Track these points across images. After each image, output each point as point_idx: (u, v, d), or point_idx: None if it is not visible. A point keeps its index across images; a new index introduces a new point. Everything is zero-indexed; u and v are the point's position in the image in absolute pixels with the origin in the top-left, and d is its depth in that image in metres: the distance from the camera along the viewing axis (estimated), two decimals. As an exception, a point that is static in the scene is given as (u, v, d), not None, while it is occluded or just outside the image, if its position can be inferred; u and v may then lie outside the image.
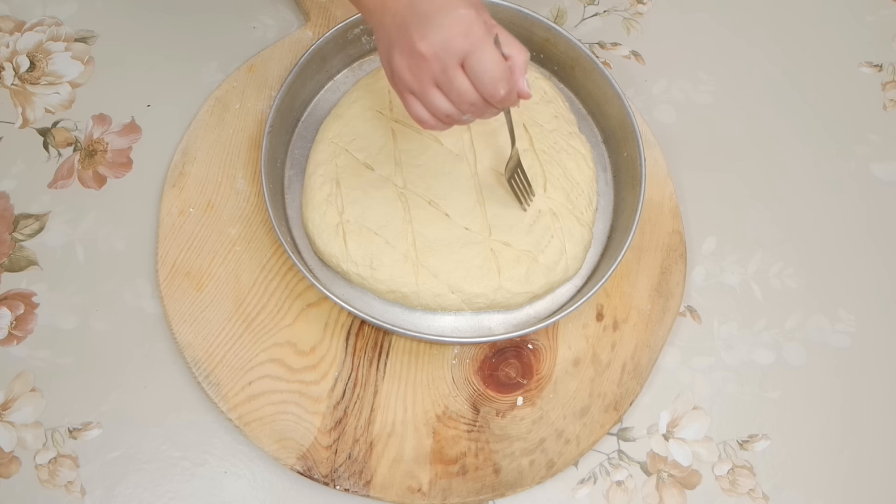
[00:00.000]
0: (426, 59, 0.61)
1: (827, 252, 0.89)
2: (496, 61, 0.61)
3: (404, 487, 0.75)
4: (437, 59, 0.61)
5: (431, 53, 0.61)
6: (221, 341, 0.79)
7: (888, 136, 0.94)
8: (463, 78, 0.62)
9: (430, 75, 0.62)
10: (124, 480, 0.76)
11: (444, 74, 0.62)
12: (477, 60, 0.61)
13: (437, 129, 0.67)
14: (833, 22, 1.00)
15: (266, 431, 0.76)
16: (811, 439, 0.81)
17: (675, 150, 0.91)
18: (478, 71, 0.61)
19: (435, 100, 0.64)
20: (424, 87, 0.63)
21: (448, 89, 0.63)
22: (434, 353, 0.80)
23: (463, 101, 0.63)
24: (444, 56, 0.61)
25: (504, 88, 0.62)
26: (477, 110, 0.65)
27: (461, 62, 0.61)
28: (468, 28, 0.60)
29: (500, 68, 0.62)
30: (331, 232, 0.80)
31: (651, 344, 0.81)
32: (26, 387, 0.78)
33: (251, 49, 0.92)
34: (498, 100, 0.63)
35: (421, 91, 0.64)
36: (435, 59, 0.61)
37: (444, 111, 0.65)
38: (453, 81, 0.62)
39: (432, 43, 0.61)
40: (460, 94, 0.63)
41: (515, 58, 0.64)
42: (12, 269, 0.82)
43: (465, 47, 0.61)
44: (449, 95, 0.63)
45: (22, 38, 0.92)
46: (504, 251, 0.80)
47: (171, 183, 0.84)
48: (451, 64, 0.61)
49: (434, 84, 0.63)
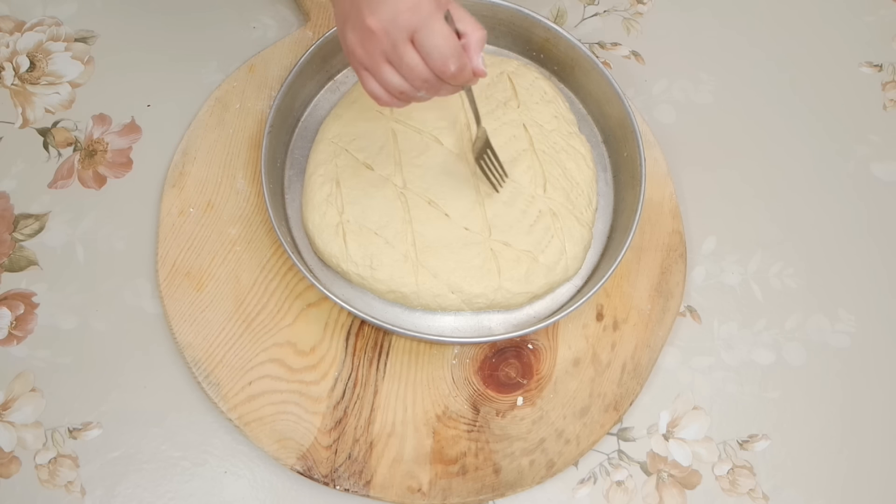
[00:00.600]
0: (375, 34, 0.62)
1: (827, 252, 0.89)
2: (445, 36, 0.61)
3: (404, 487, 0.75)
4: (385, 34, 0.61)
5: (380, 28, 0.61)
6: (221, 341, 0.79)
7: (888, 136, 0.94)
8: (413, 53, 0.62)
9: (381, 51, 0.63)
10: (124, 480, 0.76)
11: (393, 50, 0.62)
12: (425, 35, 0.61)
13: (393, 105, 0.67)
14: (833, 22, 1.01)
15: (266, 431, 0.76)
16: (811, 439, 0.81)
17: (675, 149, 0.91)
18: (427, 46, 0.61)
19: (387, 76, 0.64)
20: (376, 63, 0.64)
21: (399, 65, 0.63)
22: (434, 353, 0.80)
23: (415, 77, 0.63)
24: (393, 31, 0.61)
25: (454, 64, 0.62)
26: (431, 87, 0.65)
27: (410, 37, 0.61)
28: (416, 3, 0.60)
29: (450, 44, 0.62)
30: (331, 232, 0.80)
31: (651, 344, 0.81)
32: (26, 387, 0.78)
33: (251, 49, 0.92)
34: (449, 76, 0.63)
35: (373, 66, 0.64)
36: (384, 34, 0.61)
37: (398, 87, 0.64)
38: (403, 57, 0.62)
39: (380, 18, 0.61)
40: (411, 69, 0.63)
41: (470, 35, 0.64)
42: (12, 269, 0.82)
43: (413, 22, 0.61)
44: (400, 71, 0.63)
45: (22, 38, 0.92)
46: (504, 251, 0.80)
47: (171, 183, 0.84)
48: (399, 39, 0.61)
49: (385, 60, 0.63)
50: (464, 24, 0.64)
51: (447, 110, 0.85)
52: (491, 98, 0.86)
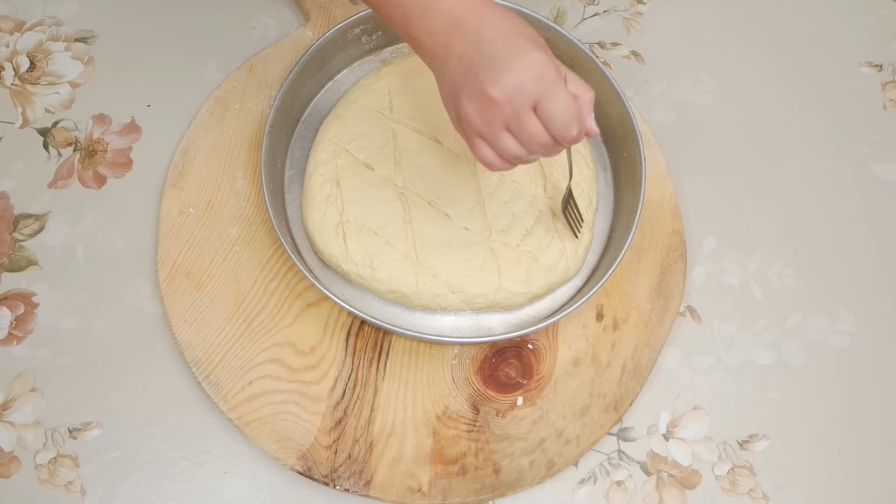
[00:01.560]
0: (498, 103, 0.61)
1: (827, 252, 0.89)
2: (569, 103, 0.61)
3: (404, 487, 0.75)
4: (509, 103, 0.61)
5: (504, 98, 0.60)
6: (221, 341, 0.78)
7: (888, 136, 0.94)
8: (535, 121, 0.62)
9: (502, 119, 0.62)
10: (124, 480, 0.76)
11: (516, 119, 0.61)
12: (551, 103, 0.61)
13: (502, 170, 0.66)
14: (833, 22, 1.00)
15: (266, 431, 0.76)
16: (811, 439, 0.81)
17: (675, 150, 0.91)
18: (551, 114, 0.61)
19: (505, 143, 0.63)
20: (495, 132, 0.63)
21: (519, 132, 0.62)
22: (434, 353, 0.80)
23: (534, 143, 0.63)
24: (517, 100, 0.60)
25: (576, 129, 0.62)
26: (546, 151, 0.64)
27: (533, 106, 0.61)
28: (541, 72, 0.60)
29: (573, 109, 0.61)
30: (331, 232, 0.80)
31: (651, 344, 0.81)
32: (26, 387, 0.78)
33: (251, 49, 0.92)
34: (569, 140, 0.63)
35: (491, 135, 0.63)
36: (507, 104, 0.61)
37: (514, 153, 0.64)
38: (525, 125, 0.61)
39: (505, 88, 0.60)
40: (532, 136, 0.62)
41: (583, 97, 0.64)
42: (12, 269, 0.82)
43: (538, 91, 0.60)
44: (520, 138, 0.63)
45: (22, 38, 0.92)
46: (504, 251, 0.80)
47: (171, 183, 0.84)
48: (523, 108, 0.61)
49: (505, 128, 0.63)
50: (576, 86, 0.64)
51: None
52: (491, 98, 0.86)
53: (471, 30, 0.61)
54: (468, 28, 0.61)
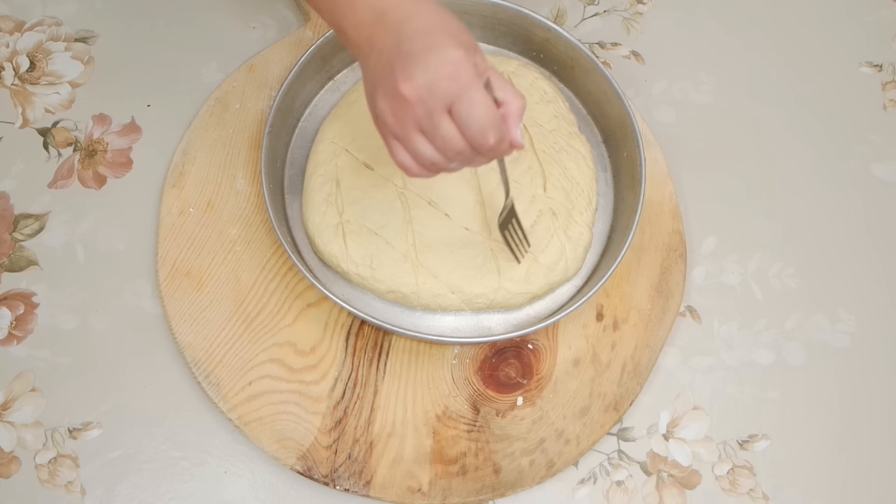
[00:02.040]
0: (410, 102, 0.57)
1: (827, 252, 0.89)
2: (486, 107, 0.57)
3: (404, 487, 0.75)
4: (421, 102, 0.56)
5: (416, 97, 0.56)
6: (221, 341, 0.79)
7: (888, 136, 0.94)
8: (449, 124, 0.57)
9: (414, 120, 0.58)
10: (124, 480, 0.76)
11: (428, 120, 0.57)
12: (465, 106, 0.56)
13: (421, 176, 0.62)
14: (833, 22, 1.01)
15: (266, 431, 0.76)
16: (811, 439, 0.81)
17: (675, 150, 0.91)
18: (465, 117, 0.57)
19: (419, 146, 0.59)
20: (408, 133, 0.59)
21: (433, 136, 0.58)
22: (434, 353, 0.80)
23: (449, 149, 0.58)
24: (429, 100, 0.56)
25: (494, 136, 0.58)
26: (465, 158, 0.60)
27: (448, 107, 0.57)
28: (456, 70, 0.56)
29: (490, 115, 0.57)
30: (331, 232, 0.80)
31: (651, 344, 0.81)
32: (26, 387, 0.78)
33: (251, 49, 0.92)
34: (487, 148, 0.58)
35: (404, 136, 0.59)
36: (419, 103, 0.57)
37: (429, 158, 0.60)
38: (438, 128, 0.57)
39: (416, 85, 0.56)
40: (446, 141, 0.58)
41: (509, 104, 0.59)
42: (12, 269, 0.82)
43: (451, 91, 0.56)
44: (434, 142, 0.58)
45: (22, 38, 0.92)
46: (504, 251, 0.80)
47: (171, 183, 0.84)
48: (436, 109, 0.57)
49: (418, 129, 0.58)
50: (503, 92, 0.59)
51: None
52: (491, 98, 0.86)
53: (394, 23, 0.58)
54: (392, 21, 0.58)
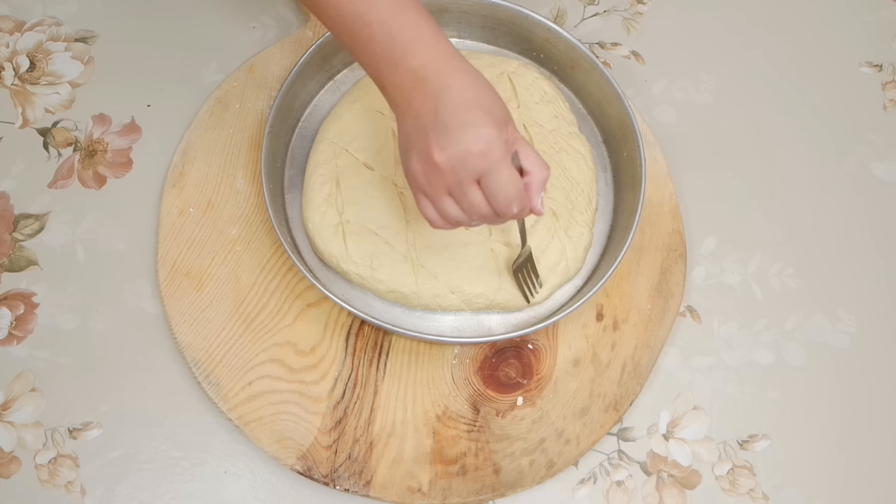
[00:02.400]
0: (442, 170, 0.61)
1: (827, 252, 0.89)
2: (511, 182, 0.62)
3: (404, 487, 0.75)
4: (453, 172, 0.61)
5: (448, 167, 0.61)
6: (221, 341, 0.78)
7: (888, 136, 0.94)
8: (477, 192, 0.62)
9: (445, 185, 0.63)
10: (124, 480, 0.76)
11: (458, 188, 0.62)
12: (493, 180, 0.61)
13: (445, 228, 0.67)
14: (833, 22, 1.01)
15: (266, 431, 0.76)
16: (811, 439, 0.81)
17: (675, 150, 0.91)
18: (493, 189, 0.62)
19: (447, 207, 0.64)
20: (437, 194, 0.64)
21: (461, 200, 0.63)
22: (434, 353, 0.80)
23: (475, 213, 0.64)
24: (461, 171, 0.61)
25: (517, 207, 0.63)
26: (488, 221, 0.65)
27: (477, 179, 0.62)
28: (487, 148, 0.60)
29: (515, 189, 0.62)
30: (331, 232, 0.80)
31: (651, 344, 0.81)
32: (26, 387, 0.78)
33: (251, 49, 0.92)
34: (510, 216, 0.64)
35: (434, 197, 0.64)
36: (451, 172, 0.61)
37: (455, 218, 0.65)
38: (467, 195, 0.62)
39: (449, 157, 0.61)
40: (472, 206, 0.63)
41: (533, 175, 0.65)
42: (12, 269, 0.82)
43: (482, 167, 0.61)
44: (461, 205, 0.64)
45: (22, 38, 0.92)
46: (504, 251, 0.80)
47: (171, 183, 0.84)
48: (466, 180, 0.61)
49: (447, 193, 0.63)
50: (529, 162, 0.64)
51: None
52: (491, 98, 0.86)
53: (432, 91, 0.61)
54: (430, 89, 0.61)
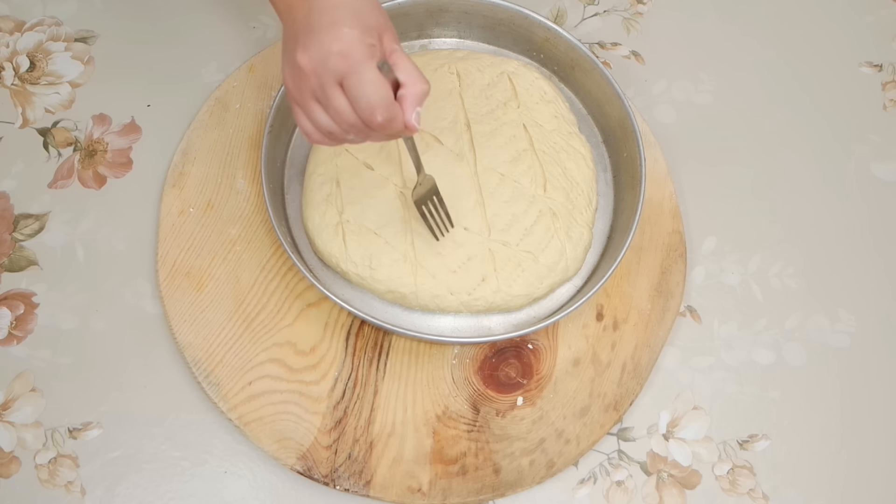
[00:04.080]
0: (305, 72, 0.61)
1: (827, 252, 0.89)
2: (374, 86, 0.59)
3: (404, 487, 0.75)
4: (314, 74, 0.60)
5: (309, 68, 0.60)
6: (221, 341, 0.79)
7: (888, 136, 0.94)
8: (341, 97, 0.61)
9: (310, 89, 0.61)
10: (124, 480, 0.76)
11: (321, 91, 0.61)
12: (354, 83, 0.60)
13: (324, 143, 0.66)
14: (833, 22, 1.01)
15: (266, 431, 0.76)
16: (811, 439, 0.81)
17: (675, 149, 0.91)
18: (354, 93, 0.60)
19: (316, 114, 0.63)
20: (305, 100, 0.63)
21: (327, 106, 0.62)
22: (434, 353, 0.80)
23: (342, 121, 0.62)
24: (322, 72, 0.60)
25: (382, 115, 0.60)
26: (359, 132, 0.63)
27: (339, 81, 0.60)
28: (347, 48, 0.59)
29: (379, 94, 0.60)
30: (330, 232, 0.80)
31: (651, 344, 0.81)
32: (26, 387, 0.78)
33: (251, 49, 0.93)
34: (376, 125, 0.61)
35: (302, 103, 0.63)
36: (313, 74, 0.60)
37: (326, 127, 0.63)
38: (331, 99, 0.61)
39: (311, 57, 0.60)
40: (338, 112, 0.61)
41: (409, 87, 0.62)
42: (12, 269, 0.82)
43: (341, 68, 0.59)
44: (328, 112, 0.62)
45: (22, 38, 0.92)
46: (503, 252, 0.80)
47: (171, 183, 0.84)
48: (328, 82, 0.60)
49: (314, 98, 0.62)
50: (405, 74, 0.62)
51: (447, 110, 0.85)
52: (491, 98, 0.86)
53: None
54: None
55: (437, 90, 0.86)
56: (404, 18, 0.89)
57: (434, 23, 0.91)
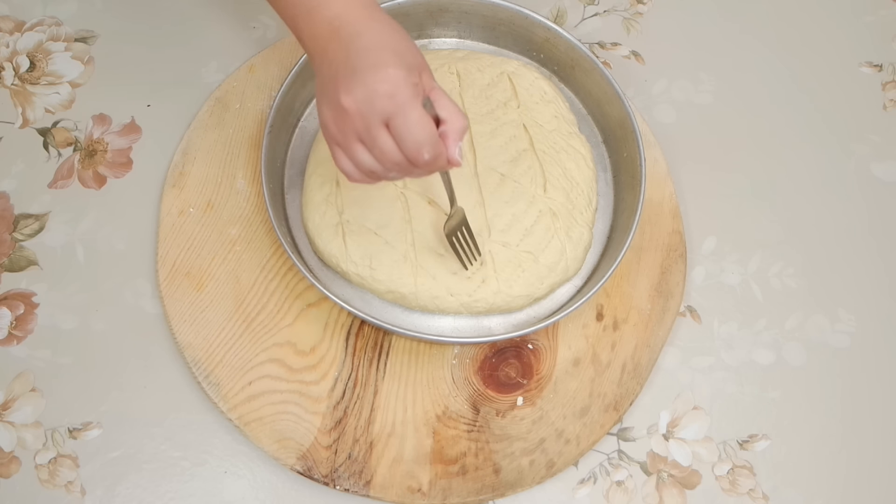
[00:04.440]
0: (349, 114, 0.60)
1: (827, 252, 0.89)
2: (421, 125, 0.60)
3: (404, 487, 0.75)
4: (360, 115, 0.60)
5: (355, 109, 0.60)
6: (221, 341, 0.79)
7: (888, 136, 0.94)
8: (387, 137, 0.61)
9: (354, 131, 0.61)
10: (124, 480, 0.76)
11: (367, 132, 0.61)
12: (401, 123, 0.60)
13: (362, 182, 0.65)
14: (833, 22, 1.00)
15: (266, 431, 0.76)
16: (811, 439, 0.81)
17: (675, 150, 0.91)
18: (401, 133, 0.60)
19: (359, 155, 0.63)
20: (349, 142, 0.62)
21: (371, 146, 0.62)
22: (434, 353, 0.80)
23: (387, 160, 0.62)
24: (368, 114, 0.60)
25: (429, 154, 0.61)
26: (403, 170, 0.63)
27: (385, 122, 0.60)
28: (394, 89, 0.59)
29: (426, 133, 0.60)
30: (330, 232, 0.80)
31: (651, 344, 0.81)
32: (26, 387, 0.78)
33: (251, 49, 0.92)
34: (422, 163, 0.61)
35: (345, 144, 0.63)
36: (358, 116, 0.60)
37: (369, 167, 0.63)
38: (376, 140, 0.61)
39: (356, 99, 0.60)
40: (383, 153, 0.61)
41: (450, 124, 0.63)
42: (12, 269, 0.82)
43: (388, 108, 0.59)
44: (372, 152, 0.62)
45: (22, 38, 0.92)
46: (504, 253, 0.80)
47: (171, 183, 0.84)
48: (374, 123, 0.60)
49: (358, 140, 0.62)
50: (446, 111, 0.63)
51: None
52: (491, 98, 0.86)
53: (347, 38, 0.60)
54: (345, 36, 0.61)
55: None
56: (404, 18, 0.89)
57: (434, 23, 0.91)
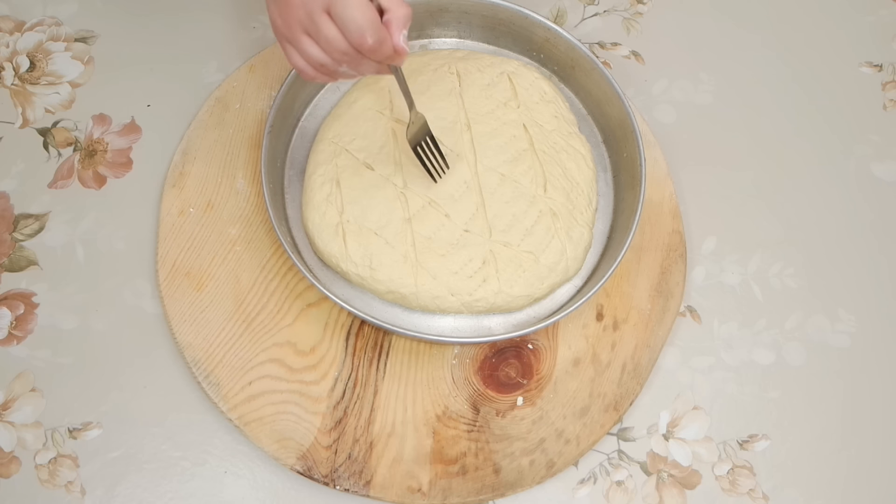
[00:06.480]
0: (291, 4, 0.62)
1: (827, 252, 0.89)
2: (360, 9, 0.61)
3: (404, 487, 0.75)
4: (301, 4, 0.61)
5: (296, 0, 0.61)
6: (221, 341, 0.79)
7: (888, 136, 0.94)
8: (330, 25, 0.62)
9: (298, 22, 0.62)
10: (124, 480, 0.76)
11: (310, 21, 0.62)
12: (341, 7, 0.61)
13: (317, 79, 0.67)
14: (833, 22, 1.01)
15: (266, 431, 0.76)
16: (811, 439, 0.81)
17: (675, 150, 0.91)
18: (342, 17, 0.61)
19: (307, 47, 0.64)
20: (295, 35, 0.63)
21: (317, 37, 0.63)
22: (434, 353, 0.80)
23: (333, 49, 0.63)
24: (308, 2, 0.61)
25: (372, 37, 0.62)
26: (351, 61, 0.64)
27: (326, 9, 0.61)
28: None
29: (366, 17, 0.61)
30: (330, 232, 0.80)
31: (651, 344, 0.81)
32: (26, 387, 0.78)
33: (251, 49, 0.93)
34: (367, 49, 0.62)
35: (293, 38, 0.64)
36: (300, 5, 0.61)
37: (318, 59, 0.64)
38: (320, 28, 0.62)
39: None
40: (328, 41, 0.62)
41: (392, 12, 0.63)
42: (12, 269, 0.82)
43: None
44: (318, 43, 0.63)
45: (22, 38, 0.92)
46: (504, 252, 0.80)
47: (171, 183, 0.84)
48: (315, 9, 0.61)
49: (304, 31, 0.63)
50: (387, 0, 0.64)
51: (447, 110, 0.85)
52: (491, 98, 0.86)
53: None
54: None
55: (437, 90, 0.86)
56: (404, 18, 0.89)
57: (434, 23, 0.91)
